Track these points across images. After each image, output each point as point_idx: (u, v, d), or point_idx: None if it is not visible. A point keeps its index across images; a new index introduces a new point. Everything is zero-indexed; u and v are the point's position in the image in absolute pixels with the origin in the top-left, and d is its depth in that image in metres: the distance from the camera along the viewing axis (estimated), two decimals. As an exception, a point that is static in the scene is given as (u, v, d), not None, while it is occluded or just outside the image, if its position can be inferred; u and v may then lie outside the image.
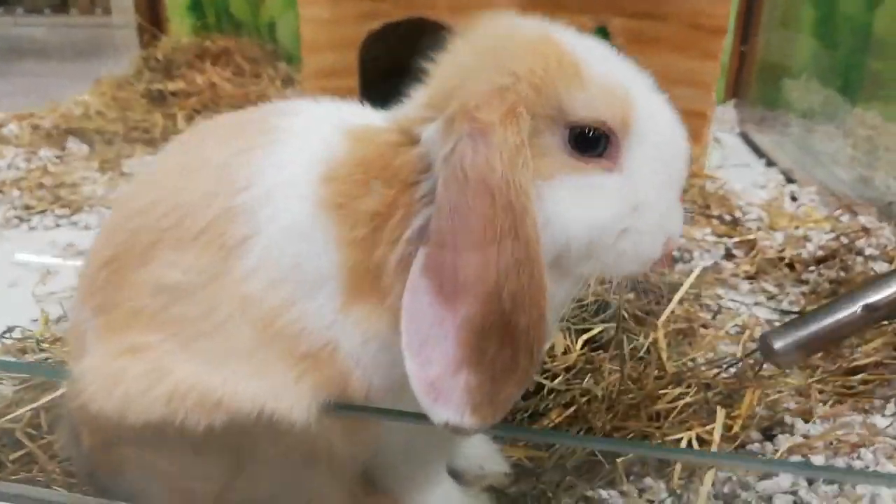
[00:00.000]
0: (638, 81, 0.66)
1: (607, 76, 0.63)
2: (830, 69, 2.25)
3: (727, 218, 1.59)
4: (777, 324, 1.15)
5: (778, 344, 0.77)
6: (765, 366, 0.88)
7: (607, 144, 0.63)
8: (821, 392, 0.92)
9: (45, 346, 1.02)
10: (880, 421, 0.86)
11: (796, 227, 1.51)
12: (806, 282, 1.33)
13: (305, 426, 0.61)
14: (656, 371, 0.91)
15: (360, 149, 0.64)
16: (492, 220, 0.56)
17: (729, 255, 1.44)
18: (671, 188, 0.66)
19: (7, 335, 1.05)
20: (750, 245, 1.45)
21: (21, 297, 1.25)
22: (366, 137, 0.65)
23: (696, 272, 1.10)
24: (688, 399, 0.84)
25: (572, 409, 0.87)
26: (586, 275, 0.65)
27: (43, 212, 1.67)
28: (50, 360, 0.98)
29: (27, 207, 1.69)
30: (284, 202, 0.62)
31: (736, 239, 1.48)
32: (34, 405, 0.81)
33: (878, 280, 0.77)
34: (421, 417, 0.63)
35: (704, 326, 1.11)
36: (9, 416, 0.80)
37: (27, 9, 7.04)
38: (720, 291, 1.31)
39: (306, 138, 0.65)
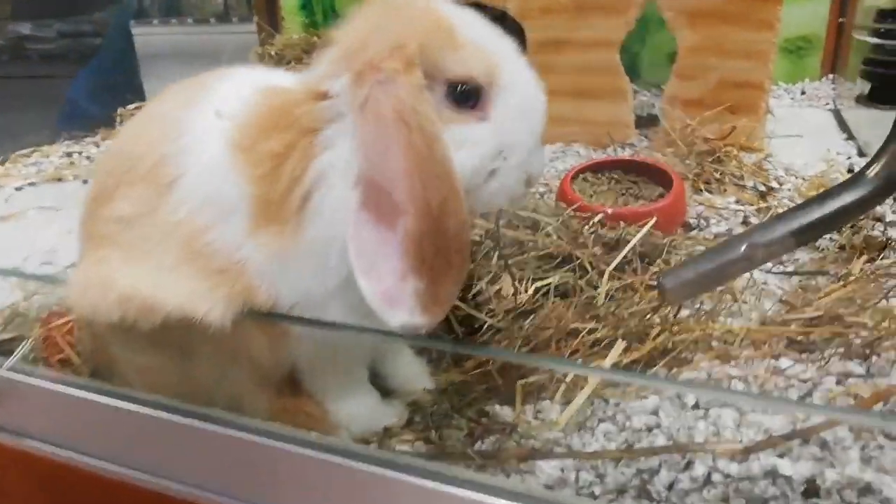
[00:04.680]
0: (503, 45, 0.78)
1: (477, 39, 0.75)
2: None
3: (760, 188, 1.57)
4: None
5: (668, 283, 0.82)
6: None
7: (478, 98, 0.75)
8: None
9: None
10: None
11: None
12: (817, 247, 1.30)
13: (220, 328, 0.76)
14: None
15: (270, 103, 0.78)
16: (411, 146, 0.68)
17: (745, 223, 1.43)
18: (531, 134, 0.78)
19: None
20: (767, 213, 1.43)
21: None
22: (277, 94, 0.79)
23: (647, 227, 1.14)
24: (597, 335, 0.91)
25: (504, 344, 0.97)
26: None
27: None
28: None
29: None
30: (205, 146, 0.77)
31: (754, 207, 1.46)
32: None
33: (764, 223, 0.80)
34: (328, 325, 0.77)
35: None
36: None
37: (196, 20, 7.90)
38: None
39: (229, 96, 0.80)
